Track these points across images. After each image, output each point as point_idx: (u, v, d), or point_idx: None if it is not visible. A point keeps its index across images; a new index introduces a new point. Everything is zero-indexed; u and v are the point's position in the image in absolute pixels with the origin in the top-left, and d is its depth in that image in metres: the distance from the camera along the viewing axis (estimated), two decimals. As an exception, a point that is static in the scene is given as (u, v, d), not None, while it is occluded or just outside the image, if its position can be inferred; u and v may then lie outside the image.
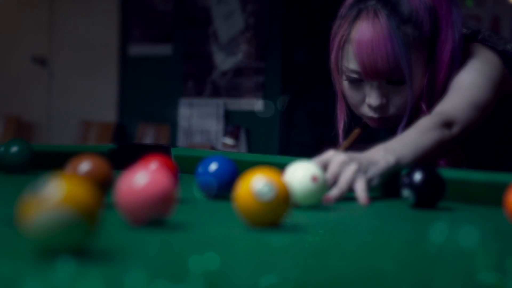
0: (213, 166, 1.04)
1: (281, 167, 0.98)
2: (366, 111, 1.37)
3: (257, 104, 4.86)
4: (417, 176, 1.00)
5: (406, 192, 1.02)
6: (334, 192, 1.03)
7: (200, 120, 5.10)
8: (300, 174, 0.95)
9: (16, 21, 6.37)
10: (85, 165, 0.91)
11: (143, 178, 0.75)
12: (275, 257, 0.66)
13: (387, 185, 1.14)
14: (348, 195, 1.05)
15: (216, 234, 0.78)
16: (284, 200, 0.78)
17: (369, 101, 1.35)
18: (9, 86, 6.38)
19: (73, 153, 1.11)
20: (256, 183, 0.78)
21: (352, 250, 0.72)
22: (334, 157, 1.07)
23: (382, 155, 1.11)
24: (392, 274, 0.61)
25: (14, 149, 1.32)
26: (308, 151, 1.40)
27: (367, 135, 1.46)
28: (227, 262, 0.62)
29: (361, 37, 1.31)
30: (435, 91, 1.34)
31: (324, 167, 1.07)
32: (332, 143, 1.49)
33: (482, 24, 4.72)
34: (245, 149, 4.81)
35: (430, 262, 0.67)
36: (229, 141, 4.75)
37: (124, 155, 1.52)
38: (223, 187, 1.03)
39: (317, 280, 0.57)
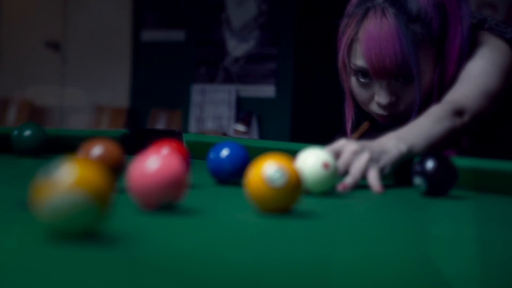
0: (224, 152, 1.05)
1: (292, 154, 0.98)
2: (375, 108, 1.36)
3: (269, 91, 4.85)
4: (429, 164, 1.00)
5: (418, 180, 1.01)
6: (349, 180, 1.03)
7: (212, 106, 5.10)
8: (312, 160, 0.95)
9: (30, 6, 6.38)
10: (97, 150, 0.91)
11: (155, 163, 0.75)
12: (285, 244, 0.66)
13: (399, 173, 1.14)
14: (360, 183, 1.05)
15: (227, 220, 0.78)
16: (295, 187, 0.78)
17: (378, 99, 1.34)
18: (23, 71, 6.40)
19: (85, 138, 1.12)
20: (268, 169, 0.78)
21: (363, 238, 0.72)
22: (346, 146, 1.07)
23: (394, 143, 1.10)
24: (403, 262, 0.61)
25: (27, 132, 1.33)
26: (320, 139, 1.40)
27: (377, 125, 1.45)
28: (237, 248, 0.63)
29: (369, 36, 1.30)
30: (444, 86, 1.34)
31: (336, 155, 1.06)
32: (344, 132, 1.49)
33: (498, 12, 4.68)
34: (257, 136, 4.80)
35: (442, 250, 0.67)
36: (241, 127, 4.75)
37: (136, 140, 1.53)
38: (235, 173, 1.04)
39: (326, 267, 0.57)
